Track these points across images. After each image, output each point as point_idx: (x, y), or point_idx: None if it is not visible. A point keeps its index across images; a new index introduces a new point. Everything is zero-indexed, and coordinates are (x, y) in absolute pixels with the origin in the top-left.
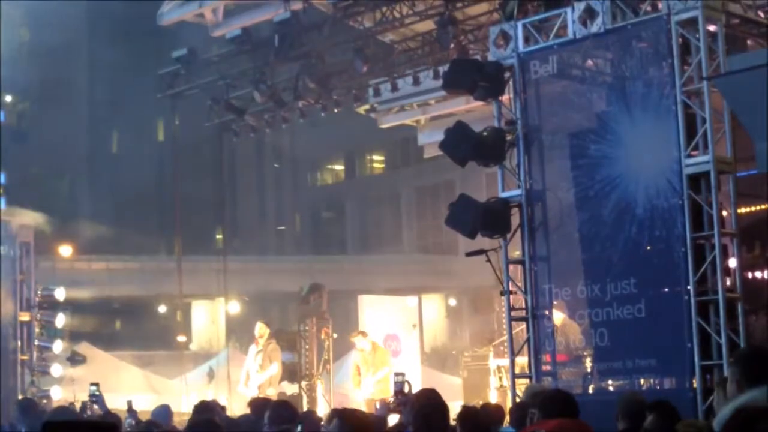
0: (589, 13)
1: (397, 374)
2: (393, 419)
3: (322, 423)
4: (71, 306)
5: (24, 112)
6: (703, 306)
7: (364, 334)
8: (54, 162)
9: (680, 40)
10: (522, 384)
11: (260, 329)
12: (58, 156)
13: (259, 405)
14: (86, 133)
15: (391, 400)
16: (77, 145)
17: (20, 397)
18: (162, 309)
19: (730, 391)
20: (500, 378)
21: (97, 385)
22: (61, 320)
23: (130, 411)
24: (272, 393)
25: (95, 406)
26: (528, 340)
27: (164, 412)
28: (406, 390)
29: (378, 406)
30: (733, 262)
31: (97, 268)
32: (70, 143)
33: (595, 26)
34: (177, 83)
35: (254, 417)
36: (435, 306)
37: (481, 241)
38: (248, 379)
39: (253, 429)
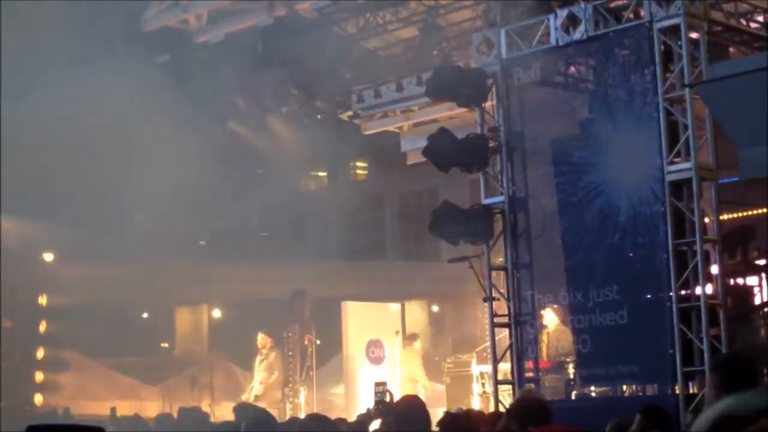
0: (572, 21)
1: (377, 384)
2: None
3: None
4: (54, 312)
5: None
6: (685, 312)
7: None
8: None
9: (662, 47)
10: (504, 390)
11: (261, 339)
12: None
13: (241, 411)
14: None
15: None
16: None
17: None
18: (145, 315)
19: (708, 397)
20: (483, 384)
21: None
22: (43, 326)
23: (114, 418)
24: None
25: None
26: (511, 346)
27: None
28: (387, 399)
29: (356, 416)
30: (715, 269)
31: (80, 274)
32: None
33: (578, 33)
34: None
35: (236, 423)
36: (418, 312)
37: (464, 248)
38: (252, 390)
39: None
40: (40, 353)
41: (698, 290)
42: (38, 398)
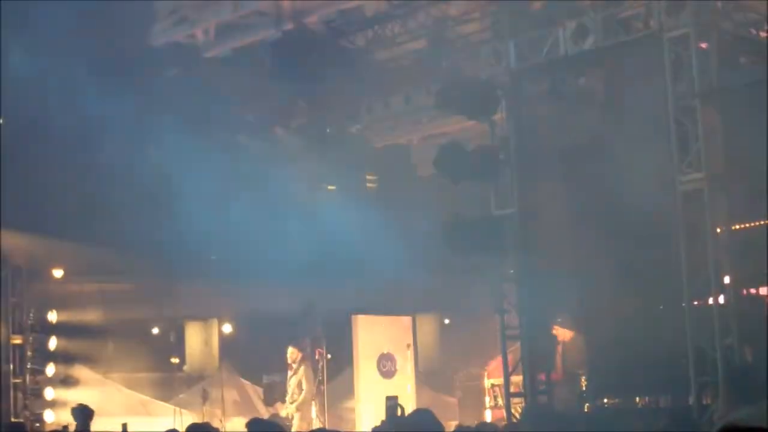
0: (582, 31)
1: (389, 398)
2: None
3: None
4: (64, 329)
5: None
6: (699, 322)
7: None
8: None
9: (672, 57)
10: (517, 403)
11: (291, 354)
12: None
13: (253, 426)
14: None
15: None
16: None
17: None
18: (155, 331)
19: (721, 409)
20: (495, 397)
21: None
22: (53, 343)
23: None
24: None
25: None
26: (522, 359)
27: None
28: (399, 413)
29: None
30: (727, 279)
31: (90, 290)
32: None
33: (588, 44)
34: None
35: None
36: (429, 325)
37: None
38: (285, 405)
39: None
40: (50, 370)
41: (711, 300)
42: (49, 415)
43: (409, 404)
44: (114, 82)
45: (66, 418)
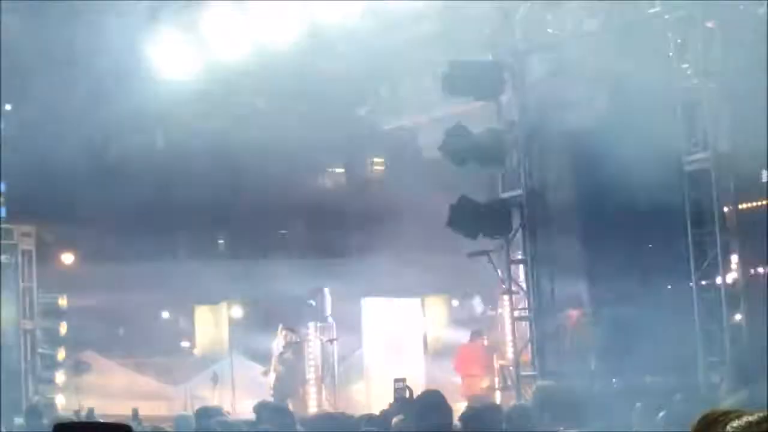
0: (589, 12)
1: (397, 380)
2: None
3: None
4: (74, 313)
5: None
6: (706, 302)
7: None
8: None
9: (678, 36)
10: (526, 384)
11: (280, 332)
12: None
13: (261, 410)
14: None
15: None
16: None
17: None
18: (165, 314)
19: (723, 390)
20: (505, 378)
21: None
22: (64, 328)
23: (135, 418)
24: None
25: None
26: (531, 339)
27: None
28: (407, 395)
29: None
30: (735, 259)
31: (100, 274)
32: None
33: (595, 24)
34: None
35: (256, 422)
36: (438, 307)
37: (483, 241)
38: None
39: None
40: (61, 355)
41: (719, 280)
42: (60, 400)
43: (417, 386)
44: None
45: (77, 402)
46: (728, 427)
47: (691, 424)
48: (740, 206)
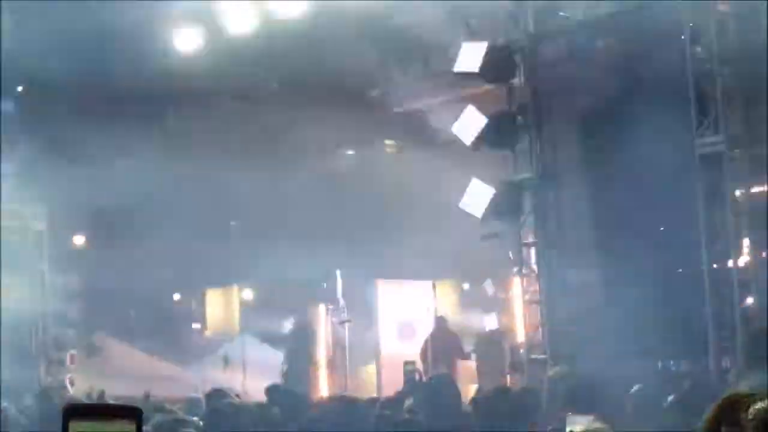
0: None
1: (407, 363)
2: None
3: None
4: (86, 295)
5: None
6: (718, 286)
7: None
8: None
9: (692, 20)
10: (536, 367)
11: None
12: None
13: (272, 392)
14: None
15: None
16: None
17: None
18: (176, 296)
19: (734, 374)
20: (515, 361)
21: None
22: (75, 310)
23: (147, 400)
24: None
25: None
26: (543, 323)
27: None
28: (417, 378)
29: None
30: (747, 242)
31: (111, 256)
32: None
33: (607, 7)
34: None
35: (267, 404)
36: (449, 290)
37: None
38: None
39: (265, 415)
40: (72, 337)
41: (731, 264)
42: (71, 382)
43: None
44: None
45: (88, 384)
46: (751, 409)
47: (714, 405)
48: (752, 189)
